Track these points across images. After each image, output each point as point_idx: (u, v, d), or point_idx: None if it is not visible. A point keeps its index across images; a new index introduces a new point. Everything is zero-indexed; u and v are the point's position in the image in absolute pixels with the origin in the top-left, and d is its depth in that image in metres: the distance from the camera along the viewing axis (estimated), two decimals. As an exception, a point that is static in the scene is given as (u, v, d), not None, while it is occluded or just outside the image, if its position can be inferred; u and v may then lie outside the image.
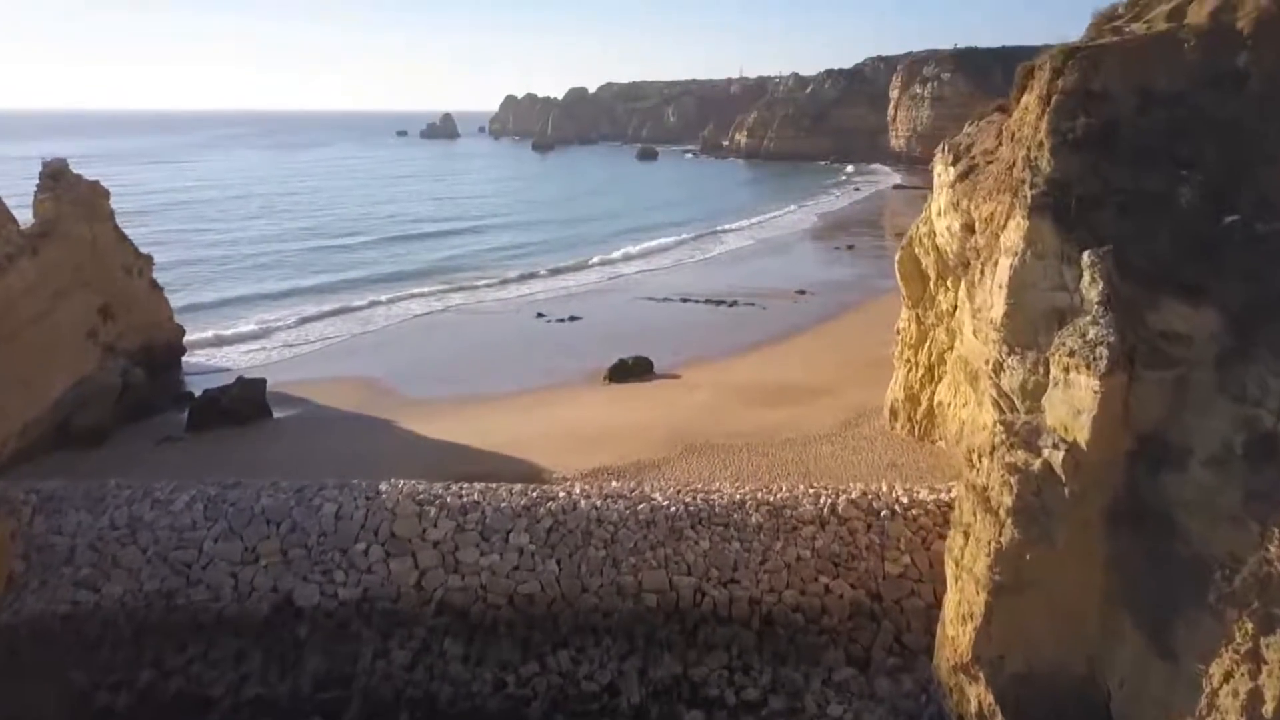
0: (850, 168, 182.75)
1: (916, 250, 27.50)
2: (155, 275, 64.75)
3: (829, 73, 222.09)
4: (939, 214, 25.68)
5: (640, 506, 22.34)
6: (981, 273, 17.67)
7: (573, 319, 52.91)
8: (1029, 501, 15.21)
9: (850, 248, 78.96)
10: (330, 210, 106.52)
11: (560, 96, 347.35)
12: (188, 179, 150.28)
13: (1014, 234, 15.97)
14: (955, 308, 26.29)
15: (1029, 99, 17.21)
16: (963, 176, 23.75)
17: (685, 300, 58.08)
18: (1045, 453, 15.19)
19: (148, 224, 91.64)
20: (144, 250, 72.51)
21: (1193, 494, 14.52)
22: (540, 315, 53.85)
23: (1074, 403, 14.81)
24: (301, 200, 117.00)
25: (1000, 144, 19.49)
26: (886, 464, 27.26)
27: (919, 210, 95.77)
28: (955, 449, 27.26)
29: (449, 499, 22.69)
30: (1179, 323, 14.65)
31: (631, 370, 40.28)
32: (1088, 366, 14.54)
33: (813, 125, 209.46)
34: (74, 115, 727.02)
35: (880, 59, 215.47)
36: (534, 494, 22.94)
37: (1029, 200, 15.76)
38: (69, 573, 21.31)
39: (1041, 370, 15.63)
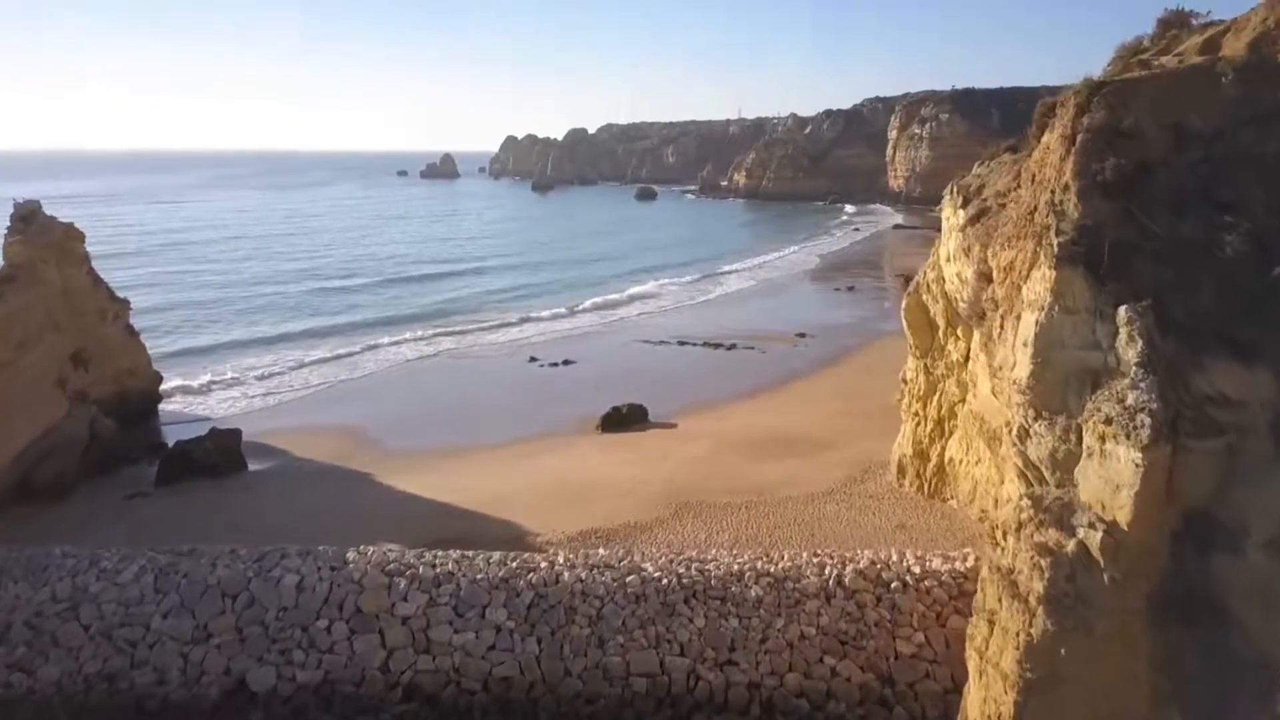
0: (849, 208, 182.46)
1: (924, 297, 25.94)
2: (144, 320, 63.37)
3: (827, 113, 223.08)
4: (948, 259, 24.17)
5: (629, 579, 20.49)
6: (1001, 327, 16.10)
7: (566, 363, 51.31)
8: (1063, 588, 13.44)
9: (850, 289, 77.65)
10: (327, 252, 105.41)
11: (560, 137, 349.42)
12: (185, 219, 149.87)
13: (1039, 286, 14.42)
14: (967, 358, 24.70)
15: (1050, 138, 15.76)
16: (974, 220, 22.26)
17: (683, 343, 56.53)
18: (1080, 533, 13.46)
19: (141, 265, 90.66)
20: (135, 293, 71.29)
21: (1249, 581, 12.80)
22: (533, 359, 52.25)
23: (1112, 476, 13.11)
24: (298, 241, 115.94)
25: (1018, 185, 18.02)
26: (895, 525, 25.44)
27: (919, 250, 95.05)
28: (968, 509, 25.49)
29: (421, 569, 20.86)
30: (1229, 386, 13.01)
31: (625, 419, 38.56)
32: (1127, 436, 12.86)
33: (811, 165, 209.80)
34: (76, 155, 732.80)
35: (878, 100, 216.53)
36: (514, 564, 21.11)
37: (1056, 249, 14.22)
38: (1, 653, 19.41)
39: (1073, 438, 13.96)
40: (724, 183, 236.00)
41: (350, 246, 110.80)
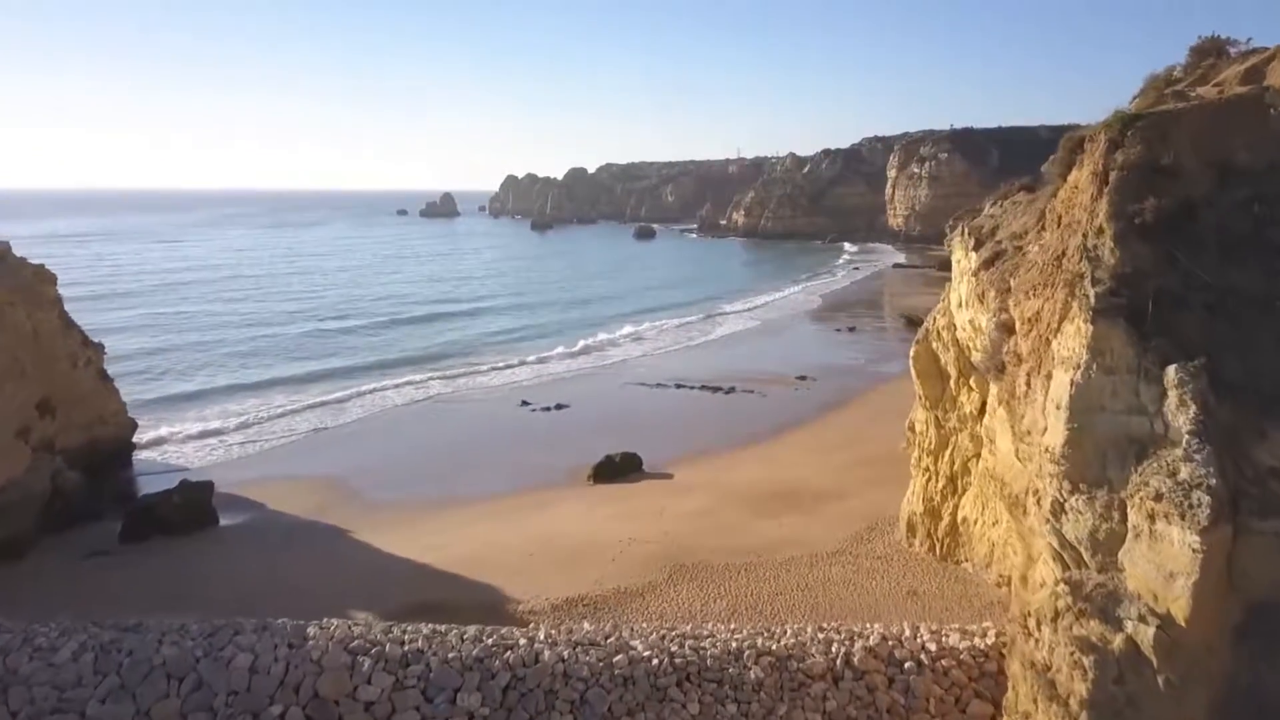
0: (849, 246, 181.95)
1: (934, 345, 24.30)
2: (131, 364, 61.89)
3: (826, 152, 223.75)
4: (960, 305, 22.58)
5: (617, 658, 18.56)
6: (1028, 385, 14.47)
7: (559, 407, 49.57)
8: (1109, 692, 11.63)
9: (852, 329, 76.13)
10: (322, 292, 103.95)
11: (560, 177, 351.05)
12: (183, 258, 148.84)
13: (1073, 341, 12.80)
14: (981, 411, 23.00)
15: (1079, 176, 14.25)
16: (988, 263, 20.70)
17: (680, 386, 54.83)
18: (1129, 626, 11.67)
19: (135, 306, 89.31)
20: (125, 336, 69.70)
21: (1328, 686, 11.01)
22: (525, 403, 50.50)
23: (1165, 562, 11.35)
24: (294, 282, 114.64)
25: (1041, 228, 16.50)
26: (906, 592, 23.52)
27: (920, 290, 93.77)
28: (984, 573, 23.63)
29: (388, 646, 18.92)
30: (1297, 458, 11.32)
31: (619, 469, 36.75)
32: (1182, 516, 11.14)
33: (810, 204, 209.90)
34: (84, 194, 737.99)
35: (877, 139, 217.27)
36: (489, 640, 19.18)
37: (1092, 300, 12.61)
38: (-83, 745, 17.46)
39: (1117, 516, 12.22)
40: (723, 221, 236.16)
41: (346, 287, 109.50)
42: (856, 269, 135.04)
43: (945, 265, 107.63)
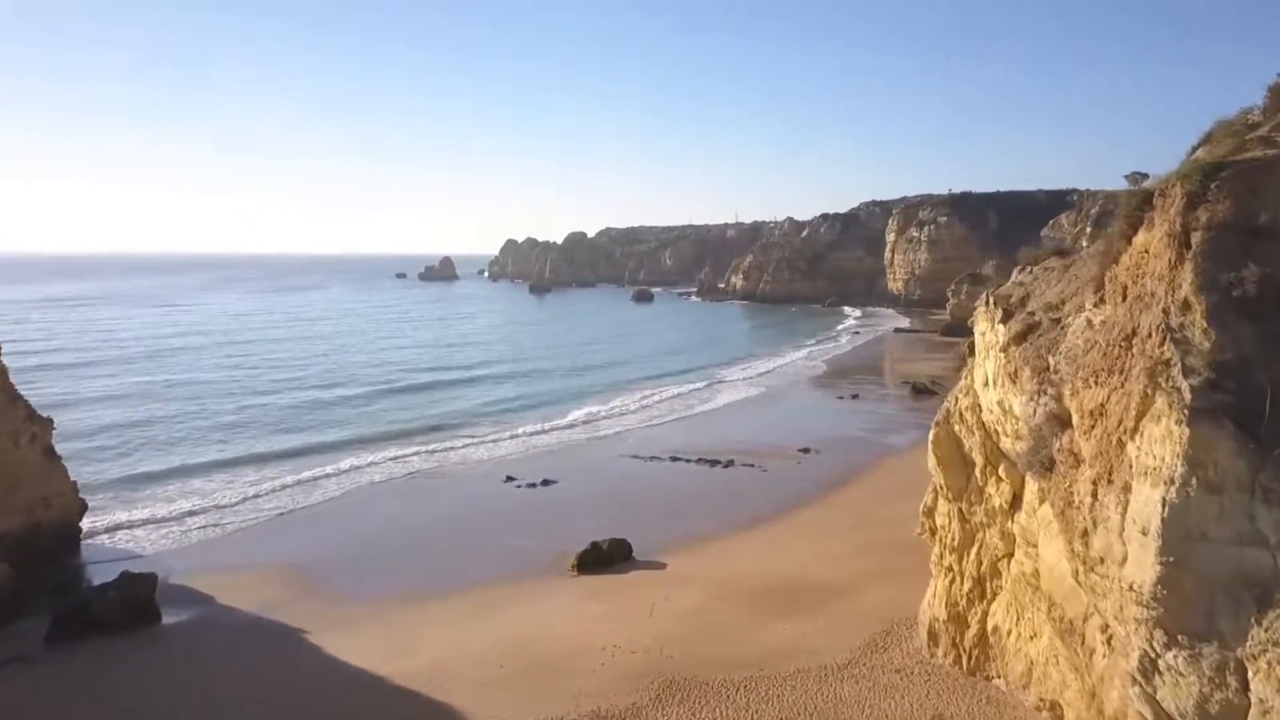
0: (848, 310, 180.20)
1: (956, 428, 21.48)
2: (103, 438, 58.89)
3: (824, 216, 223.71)
4: (987, 384, 19.83)
5: (587, 819, 15.36)
6: (1095, 496, 11.67)
7: (546, 483, 46.47)
8: None
9: (855, 397, 73.27)
10: (315, 359, 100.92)
11: (560, 241, 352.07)
12: (176, 323, 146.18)
13: (1162, 447, 10.07)
14: (1013, 504, 20.09)
15: (1149, 238, 11.66)
16: (1020, 338, 18.02)
17: (676, 459, 51.80)
18: (1261, 840, 8.61)
19: (120, 374, 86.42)
20: (104, 407, 66.68)
21: None
22: (510, 479, 47.41)
23: (1309, 754, 8.35)
24: (287, 349, 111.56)
25: (1099, 299, 13.82)
26: (931, 717, 20.26)
27: (923, 355, 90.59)
28: (1021, 694, 20.39)
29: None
30: None
31: (606, 557, 33.57)
32: (1330, 691, 8.17)
33: (809, 268, 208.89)
34: (84, 258, 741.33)
35: (875, 203, 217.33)
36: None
37: (1187, 395, 9.91)
38: None
39: (1234, 682, 9.29)
40: (721, 285, 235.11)
41: (340, 353, 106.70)
42: (857, 334, 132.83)
43: (948, 330, 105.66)
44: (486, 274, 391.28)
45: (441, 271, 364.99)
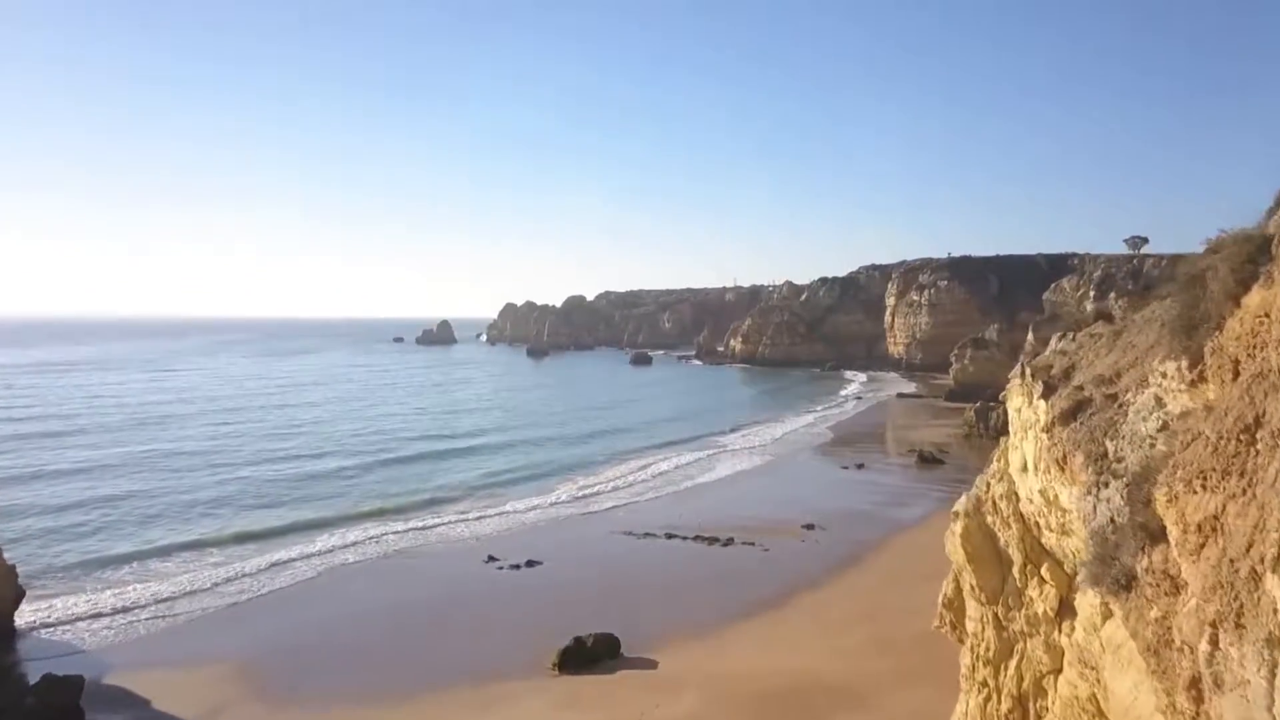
0: (849, 374, 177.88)
1: (990, 520, 18.48)
2: (66, 518, 55.18)
3: (823, 280, 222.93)
4: (1027, 469, 16.93)
5: None
6: (1214, 645, 8.80)
7: (530, 564, 43.09)
8: None
9: (860, 466, 70.06)
10: (304, 427, 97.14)
11: (559, 304, 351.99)
12: (165, 389, 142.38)
13: (1332, 595, 7.25)
14: (1059, 611, 17.00)
15: (1268, 296, 8.94)
16: (1067, 416, 15.17)
17: (672, 536, 48.49)
18: None
19: (98, 445, 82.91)
20: (75, 481, 63.64)
21: None
22: (492, 559, 44.05)
23: None
24: (276, 416, 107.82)
25: (1198, 377, 11.08)
26: None
27: (927, 422, 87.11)
28: (1079, 844, 16.95)
29: None
30: None
31: (591, 654, 30.18)
32: None
33: (808, 331, 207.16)
34: (88, 321, 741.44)
35: (874, 267, 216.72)
36: None
37: (1367, 522, 7.10)
38: None
39: None
40: (720, 348, 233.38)
41: (330, 421, 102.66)
42: (859, 398, 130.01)
43: (952, 395, 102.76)
44: (484, 338, 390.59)
45: (439, 335, 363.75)
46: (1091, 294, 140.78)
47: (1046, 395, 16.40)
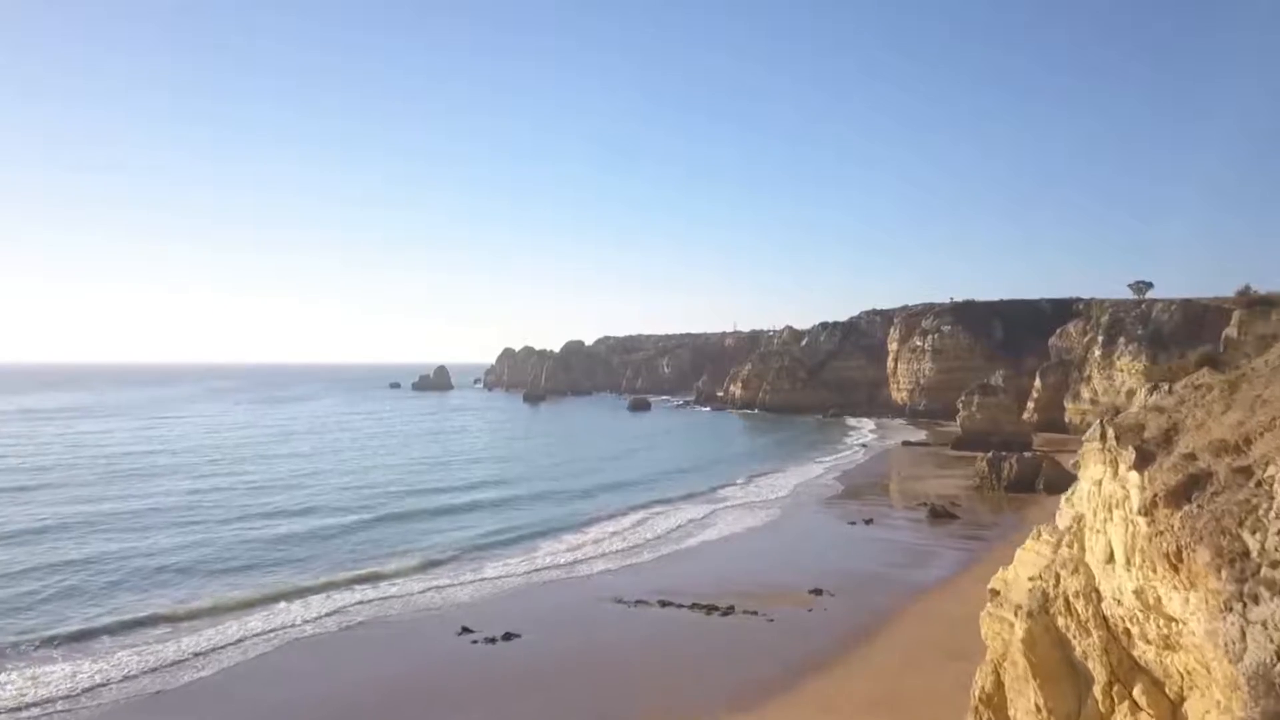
0: (851, 421, 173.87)
1: (1061, 624, 14.52)
2: (19, 582, 50.95)
3: (824, 325, 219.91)
4: (1115, 561, 13.05)
5: None
6: None
7: (508, 637, 38.67)
8: None
9: (869, 522, 65.69)
10: (289, 481, 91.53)
11: (557, 350, 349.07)
12: (150, 439, 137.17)
13: None
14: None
15: None
16: (1178, 496, 11.37)
17: (666, 604, 44.07)
18: None
19: (65, 500, 78.13)
20: (35, 542, 60.01)
21: None
22: (466, 631, 39.63)
23: None
24: (262, 468, 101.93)
25: None
26: None
27: (934, 472, 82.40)
28: None
29: None
30: None
31: (568, 756, 25.88)
32: None
33: (809, 377, 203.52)
34: (85, 368, 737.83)
35: (875, 312, 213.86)
36: None
37: None
38: None
39: None
40: (720, 393, 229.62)
41: (317, 476, 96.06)
42: (863, 446, 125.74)
43: (959, 443, 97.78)
44: (482, 383, 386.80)
45: (436, 381, 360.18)
46: (1100, 339, 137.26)
47: (1141, 466, 12.49)
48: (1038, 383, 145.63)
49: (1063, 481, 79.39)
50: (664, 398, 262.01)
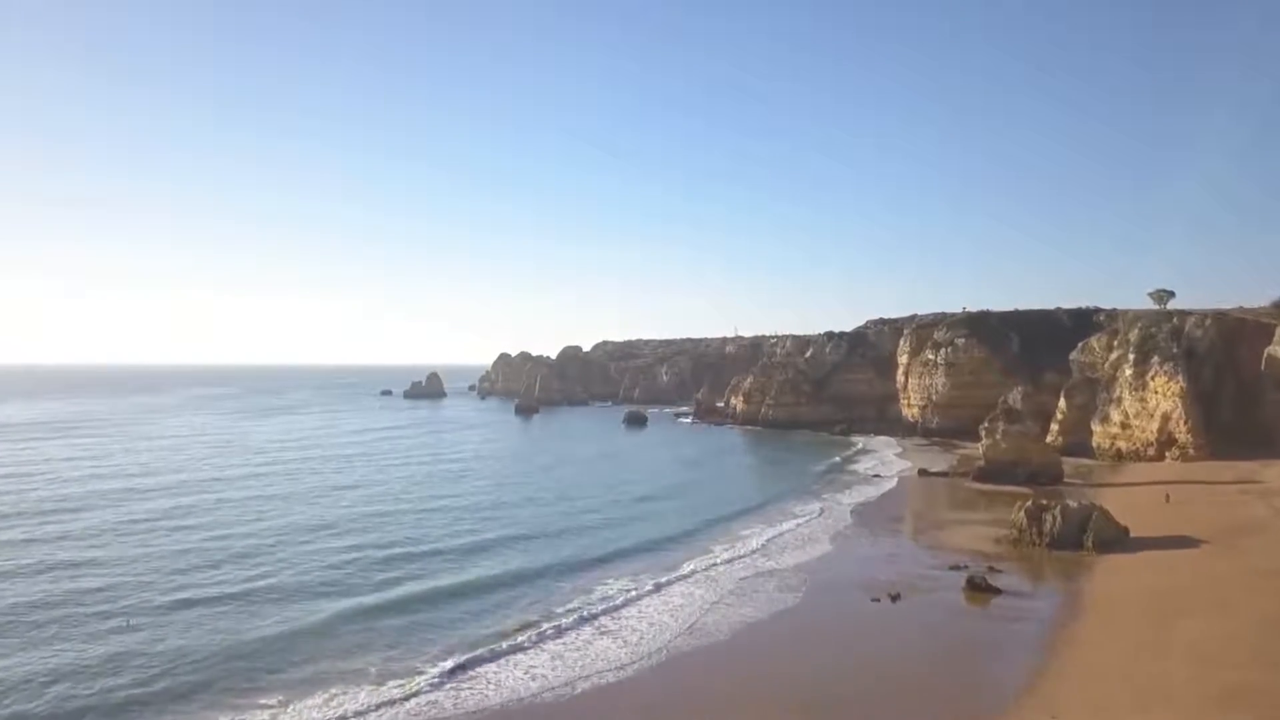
0: (860, 440, 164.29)
1: None
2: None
3: (829, 335, 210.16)
4: None
5: None
6: None
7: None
8: None
9: (895, 599, 55.51)
10: (238, 521, 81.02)
11: (554, 355, 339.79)
12: (110, 465, 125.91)
13: None
14: None
15: None
16: None
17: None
18: None
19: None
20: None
21: None
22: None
23: None
24: (215, 507, 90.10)
25: None
26: None
27: (962, 514, 69.65)
28: None
29: None
30: None
31: None
32: None
33: (814, 391, 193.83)
34: (84, 371, 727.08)
35: (883, 321, 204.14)
36: None
37: None
38: None
39: None
40: (720, 404, 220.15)
41: (271, 515, 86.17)
42: (876, 476, 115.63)
43: (982, 475, 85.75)
44: (476, 390, 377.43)
45: (428, 389, 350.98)
46: (1131, 357, 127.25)
47: None
48: (1063, 403, 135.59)
49: (1115, 538, 68.60)
50: (661, 409, 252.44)
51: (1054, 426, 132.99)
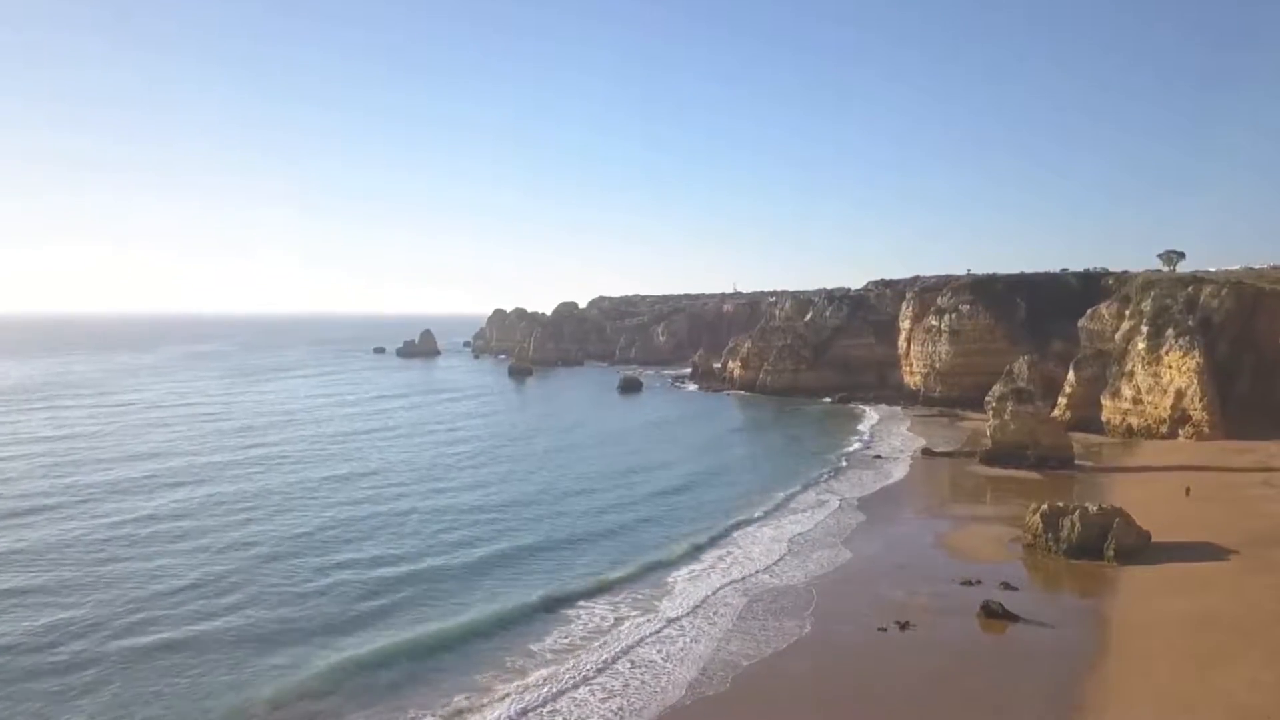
0: (862, 408, 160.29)
1: None
2: None
3: (830, 297, 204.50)
4: None
5: None
6: None
7: None
8: None
9: (904, 627, 51.25)
10: (219, 533, 74.10)
11: (549, 312, 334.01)
12: (77, 446, 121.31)
13: None
14: None
15: None
16: None
17: None
18: None
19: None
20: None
21: None
22: None
23: None
24: (185, 523, 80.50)
25: None
26: None
27: (971, 509, 61.15)
28: None
29: None
30: None
31: None
32: None
33: (814, 357, 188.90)
34: (76, 319, 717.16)
35: (885, 283, 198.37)
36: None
37: None
38: None
39: None
40: (717, 366, 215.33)
41: (238, 512, 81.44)
42: (878, 457, 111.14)
43: (989, 457, 79.50)
44: (471, 348, 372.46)
45: (422, 347, 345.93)
46: (1144, 329, 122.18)
47: None
48: (1071, 375, 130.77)
49: (1137, 546, 63.33)
50: (657, 370, 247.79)
51: (1062, 400, 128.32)
